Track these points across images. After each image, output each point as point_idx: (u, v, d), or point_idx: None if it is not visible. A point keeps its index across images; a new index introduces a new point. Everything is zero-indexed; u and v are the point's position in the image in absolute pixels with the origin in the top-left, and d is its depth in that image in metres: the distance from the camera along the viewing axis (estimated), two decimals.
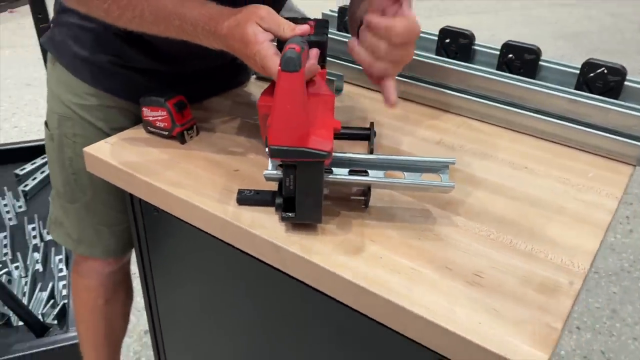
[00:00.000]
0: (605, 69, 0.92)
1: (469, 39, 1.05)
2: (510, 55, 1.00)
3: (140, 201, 0.87)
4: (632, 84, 0.90)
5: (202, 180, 0.78)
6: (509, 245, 0.68)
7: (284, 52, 0.60)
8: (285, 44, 0.65)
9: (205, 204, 0.73)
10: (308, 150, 0.61)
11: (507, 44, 1.01)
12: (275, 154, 0.62)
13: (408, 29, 0.68)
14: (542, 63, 0.99)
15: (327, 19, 0.84)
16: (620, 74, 0.91)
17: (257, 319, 0.84)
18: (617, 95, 0.92)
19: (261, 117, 0.75)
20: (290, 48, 0.60)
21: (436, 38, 1.08)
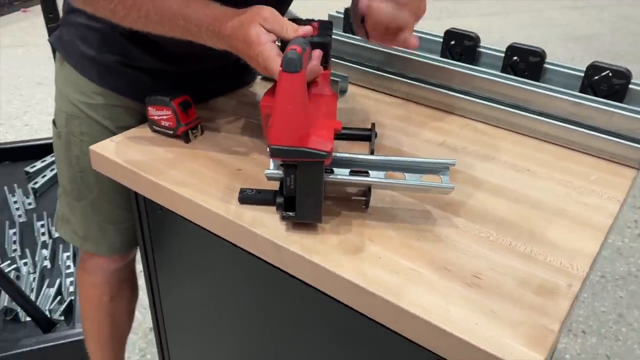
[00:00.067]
0: (610, 72, 0.92)
1: (473, 41, 1.05)
2: (515, 58, 1.00)
3: (145, 199, 0.88)
4: (637, 87, 0.90)
5: (206, 179, 0.79)
6: (508, 247, 0.68)
7: (285, 53, 0.61)
8: (288, 45, 0.66)
9: (208, 203, 0.74)
10: (308, 150, 0.62)
11: (511, 47, 1.01)
12: (275, 153, 0.63)
13: None
14: (547, 66, 0.99)
15: (331, 21, 0.85)
16: (625, 77, 0.91)
17: (258, 317, 0.85)
18: (622, 99, 0.92)
19: (264, 117, 0.76)
20: (291, 49, 0.61)
21: (441, 40, 1.08)
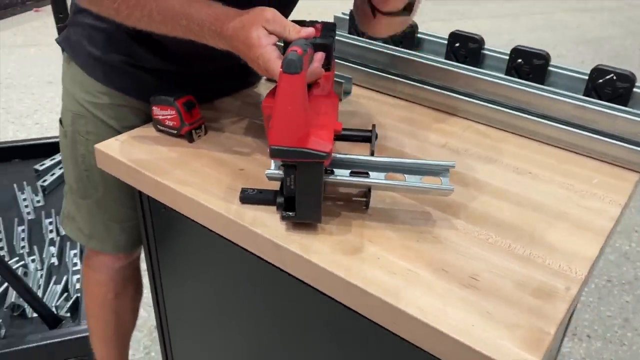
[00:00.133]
0: (614, 76, 0.92)
1: (478, 43, 1.05)
2: (519, 60, 1.00)
3: (149, 198, 0.89)
4: None
5: (208, 178, 0.80)
6: (507, 250, 0.68)
7: (285, 55, 0.62)
8: (289, 46, 0.66)
9: (210, 202, 0.75)
10: (307, 150, 0.62)
11: (516, 49, 1.00)
12: (275, 154, 0.63)
13: None
14: (551, 68, 0.98)
15: (334, 22, 0.86)
16: (630, 80, 0.91)
17: (259, 316, 0.85)
18: (626, 102, 0.91)
19: (265, 118, 0.76)
20: (292, 51, 0.62)
21: (446, 42, 1.08)
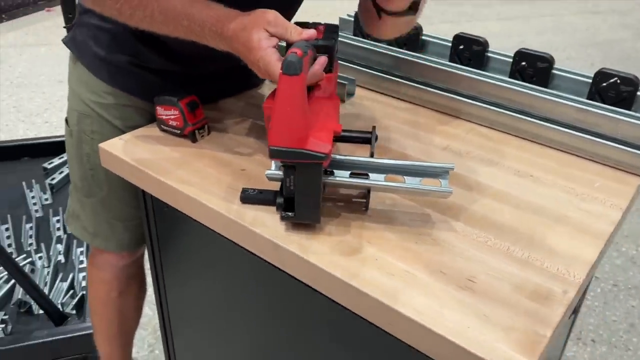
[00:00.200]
0: (618, 79, 0.92)
1: (482, 45, 1.05)
2: (523, 63, 1.00)
3: (152, 197, 0.90)
4: None
5: (210, 178, 0.80)
6: (505, 252, 0.68)
7: (285, 56, 0.62)
8: (290, 48, 0.67)
9: (211, 202, 0.76)
10: (306, 151, 0.63)
11: (520, 52, 1.00)
12: (274, 154, 0.64)
13: None
14: (555, 71, 0.98)
15: (337, 24, 0.86)
16: (633, 84, 0.90)
17: (260, 315, 0.86)
18: (630, 106, 0.91)
19: (266, 119, 0.77)
20: (292, 52, 0.62)
21: (450, 44, 1.09)
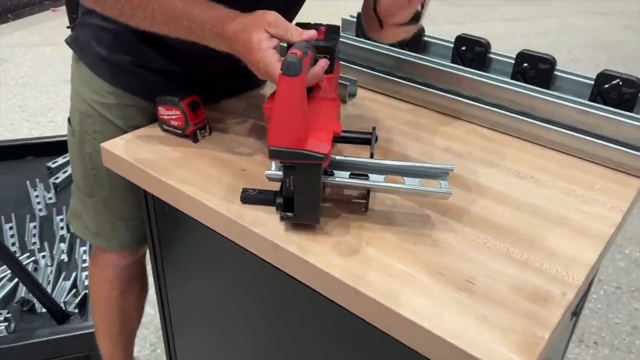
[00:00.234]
0: (620, 81, 0.91)
1: (484, 47, 1.05)
2: (525, 65, 1.00)
3: (153, 197, 0.90)
4: None
5: (210, 178, 0.81)
6: (505, 254, 0.68)
7: (285, 57, 0.62)
8: (290, 48, 0.67)
9: (211, 202, 0.76)
10: (306, 152, 0.63)
11: (522, 53, 1.00)
12: (274, 154, 0.64)
13: None
14: (557, 73, 0.98)
15: (338, 25, 0.86)
16: (635, 86, 0.90)
17: (260, 315, 0.86)
18: (632, 108, 0.91)
19: (266, 119, 0.77)
20: (291, 53, 0.62)
21: (452, 45, 1.08)
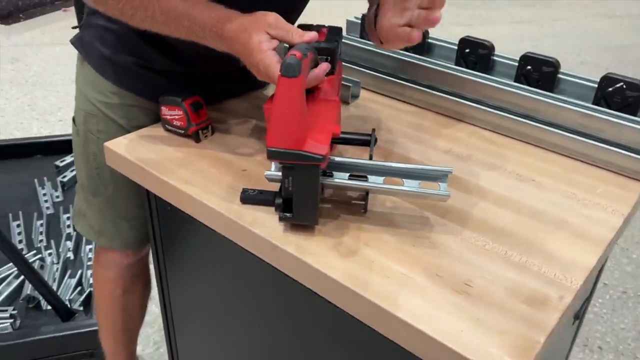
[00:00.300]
0: (624, 84, 0.91)
1: (488, 49, 1.05)
2: (529, 67, 1.00)
3: (156, 197, 0.91)
4: None
5: (211, 178, 0.81)
6: (503, 257, 0.68)
7: (284, 58, 0.63)
8: (290, 50, 0.67)
9: (212, 202, 0.76)
10: (304, 153, 0.63)
11: (525, 56, 1.00)
12: (272, 155, 0.64)
13: None
14: (561, 76, 0.98)
15: (340, 27, 0.86)
16: (639, 89, 0.89)
17: (261, 314, 0.86)
18: (635, 112, 0.90)
19: (267, 120, 0.77)
20: (291, 54, 0.63)
21: (456, 48, 1.08)
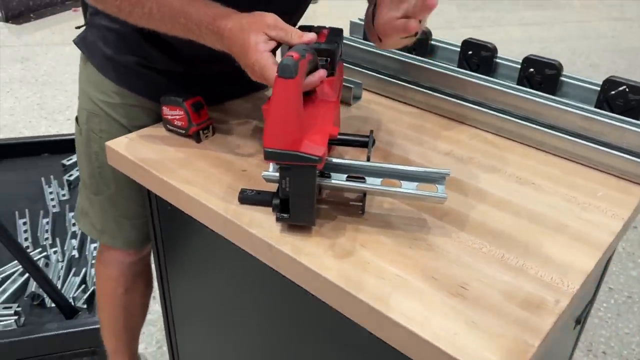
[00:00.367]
0: (626, 88, 0.90)
1: (491, 51, 1.05)
2: (531, 70, 1.00)
3: (157, 196, 0.91)
4: None
5: (211, 178, 0.81)
6: (500, 260, 0.67)
7: (282, 59, 0.63)
8: (288, 51, 0.67)
9: (210, 202, 0.77)
10: (300, 154, 0.63)
11: (528, 58, 1.00)
12: (269, 156, 0.65)
13: None
14: (563, 79, 0.97)
15: (341, 28, 0.87)
16: None
17: (259, 314, 0.87)
18: (638, 115, 0.89)
19: (265, 121, 0.78)
20: (288, 55, 0.63)
21: (459, 50, 1.08)
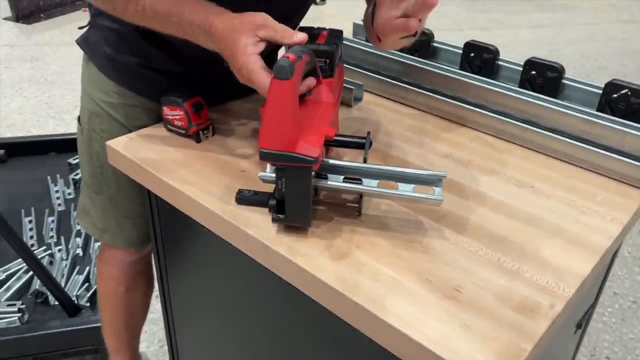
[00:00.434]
0: (628, 91, 0.89)
1: (492, 54, 1.04)
2: (533, 72, 0.99)
3: (156, 196, 0.92)
4: None
5: (210, 178, 0.82)
6: (495, 263, 0.67)
7: (278, 60, 0.63)
8: (285, 51, 0.68)
9: (208, 202, 0.77)
10: (295, 155, 0.64)
11: (530, 61, 0.99)
12: (264, 157, 0.65)
13: None
14: (565, 82, 0.97)
15: (341, 30, 0.87)
16: None
17: (257, 314, 0.87)
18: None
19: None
20: (283, 57, 0.63)
21: (461, 52, 1.08)
